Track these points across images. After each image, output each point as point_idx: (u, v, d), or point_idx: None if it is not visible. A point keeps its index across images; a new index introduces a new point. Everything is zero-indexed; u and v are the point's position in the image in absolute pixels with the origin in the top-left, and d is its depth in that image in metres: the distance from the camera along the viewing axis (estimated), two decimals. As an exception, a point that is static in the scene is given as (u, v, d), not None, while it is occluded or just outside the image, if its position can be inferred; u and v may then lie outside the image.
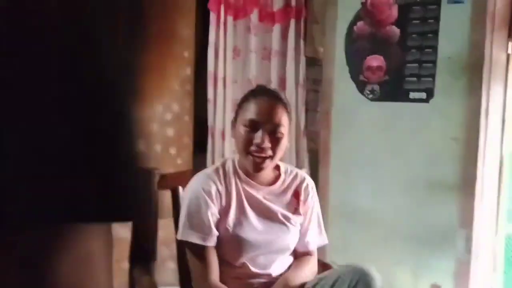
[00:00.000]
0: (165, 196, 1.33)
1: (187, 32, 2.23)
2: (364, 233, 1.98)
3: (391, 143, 1.92)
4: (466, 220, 1.73)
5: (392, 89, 1.90)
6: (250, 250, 1.12)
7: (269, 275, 1.16)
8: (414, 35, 1.83)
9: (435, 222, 1.81)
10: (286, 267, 1.20)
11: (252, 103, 1.11)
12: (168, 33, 2.18)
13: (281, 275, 1.17)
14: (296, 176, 1.24)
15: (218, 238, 1.11)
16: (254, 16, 2.22)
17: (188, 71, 2.26)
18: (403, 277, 1.90)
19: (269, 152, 1.10)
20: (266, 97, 1.12)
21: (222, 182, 1.14)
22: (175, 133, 2.28)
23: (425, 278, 1.86)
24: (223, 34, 2.22)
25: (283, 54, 2.22)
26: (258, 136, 1.08)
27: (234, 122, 1.17)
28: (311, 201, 1.24)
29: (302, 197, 1.21)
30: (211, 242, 1.10)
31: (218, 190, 1.12)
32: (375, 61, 1.93)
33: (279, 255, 1.17)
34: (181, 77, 2.26)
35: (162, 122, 2.25)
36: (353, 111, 2.01)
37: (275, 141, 1.10)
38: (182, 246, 1.17)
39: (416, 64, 1.83)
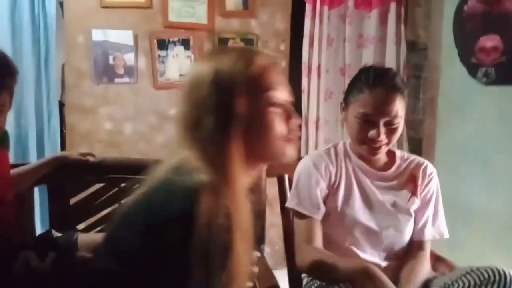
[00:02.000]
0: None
1: (283, 26, 2.28)
2: (476, 234, 1.82)
3: (507, 133, 1.73)
4: None
5: (511, 71, 1.71)
6: (355, 231, 1.11)
7: (378, 265, 1.11)
8: (539, 9, 1.62)
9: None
10: (397, 258, 1.14)
11: (367, 96, 1.04)
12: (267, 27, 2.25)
13: (390, 267, 1.12)
14: (413, 161, 1.19)
15: (328, 216, 1.13)
16: (350, 3, 2.18)
17: (284, 63, 2.31)
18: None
19: (385, 141, 1.07)
20: (382, 88, 1.04)
21: (334, 162, 1.15)
22: (271, 124, 2.35)
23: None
24: (318, 24, 2.21)
25: (381, 39, 2.14)
26: (374, 132, 1.04)
27: (345, 106, 1.13)
28: (430, 187, 1.16)
29: (419, 182, 1.15)
30: (318, 216, 1.12)
31: (328, 168, 1.13)
32: (490, 41, 1.75)
33: (386, 243, 1.13)
34: (277, 69, 2.31)
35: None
36: (463, 98, 1.85)
37: (391, 131, 1.06)
38: (290, 228, 1.22)
39: (542, 42, 1.62)
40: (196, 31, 2.17)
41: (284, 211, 1.29)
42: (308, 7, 2.22)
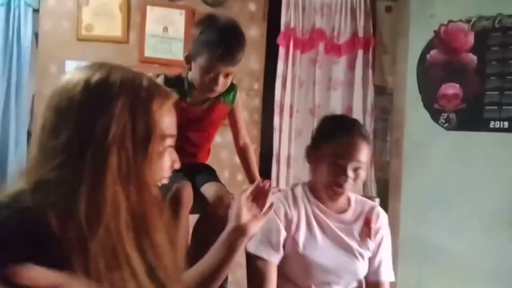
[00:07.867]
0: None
1: (257, 66, 2.35)
2: (440, 275, 1.84)
3: (469, 175, 1.80)
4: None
5: (470, 117, 1.81)
6: (318, 273, 1.11)
7: None
8: (493, 62, 1.75)
9: (523, 264, 1.64)
10: None
11: (336, 144, 1.11)
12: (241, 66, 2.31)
13: None
14: (365, 204, 1.23)
15: (288, 258, 1.13)
16: (320, 49, 2.29)
17: (257, 101, 2.36)
18: (487, 324, 1.72)
19: (350, 187, 1.13)
20: (350, 137, 1.11)
21: (292, 205, 1.17)
22: (242, 161, 2.35)
23: (513, 327, 1.67)
24: (291, 67, 2.30)
25: (349, 83, 2.24)
26: (343, 178, 1.09)
27: (312, 151, 1.18)
28: (383, 229, 1.21)
29: (373, 225, 1.18)
30: (276, 260, 1.12)
31: (286, 212, 1.15)
32: (451, 88, 1.86)
33: (347, 284, 1.14)
34: (250, 107, 2.35)
35: (231, 150, 2.33)
36: (427, 141, 1.93)
37: (357, 176, 1.12)
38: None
39: (497, 92, 1.73)
40: (171, 67, 2.21)
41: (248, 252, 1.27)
42: (282, 50, 2.31)
